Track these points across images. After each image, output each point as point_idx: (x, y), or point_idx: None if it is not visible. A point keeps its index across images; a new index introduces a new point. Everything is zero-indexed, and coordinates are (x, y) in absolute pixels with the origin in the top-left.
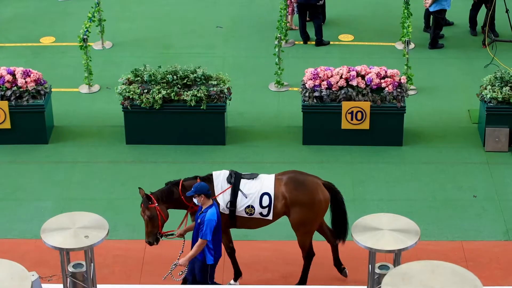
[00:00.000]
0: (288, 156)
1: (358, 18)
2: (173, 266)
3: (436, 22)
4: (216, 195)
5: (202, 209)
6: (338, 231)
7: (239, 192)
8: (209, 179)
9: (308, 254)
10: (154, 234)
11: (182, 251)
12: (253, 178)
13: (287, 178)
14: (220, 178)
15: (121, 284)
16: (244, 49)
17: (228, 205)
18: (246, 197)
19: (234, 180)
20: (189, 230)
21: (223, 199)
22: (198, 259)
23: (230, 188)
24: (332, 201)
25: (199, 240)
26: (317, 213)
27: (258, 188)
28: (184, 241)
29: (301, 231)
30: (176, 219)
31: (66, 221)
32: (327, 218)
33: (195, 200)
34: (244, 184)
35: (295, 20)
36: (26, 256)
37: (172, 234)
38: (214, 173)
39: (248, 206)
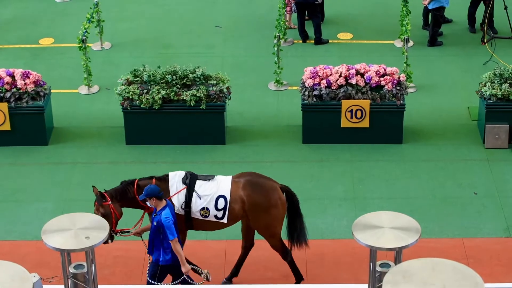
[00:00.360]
0: (288, 155)
1: (356, 17)
2: (183, 278)
3: (434, 19)
4: (171, 195)
5: (156, 211)
6: (295, 234)
7: (194, 193)
8: (165, 179)
9: (284, 253)
10: (108, 232)
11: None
12: (209, 180)
13: (245, 182)
14: (176, 179)
15: (122, 284)
16: (243, 49)
17: (183, 206)
18: (201, 199)
19: (189, 181)
20: (145, 230)
21: (177, 200)
22: (154, 261)
23: (185, 189)
24: (288, 204)
25: (170, 242)
26: (275, 217)
27: (214, 190)
28: (143, 241)
29: (266, 235)
30: (135, 218)
31: (66, 222)
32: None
33: (147, 203)
34: (199, 185)
35: (294, 19)
36: (27, 258)
37: (128, 232)
38: (170, 173)
39: (203, 208)
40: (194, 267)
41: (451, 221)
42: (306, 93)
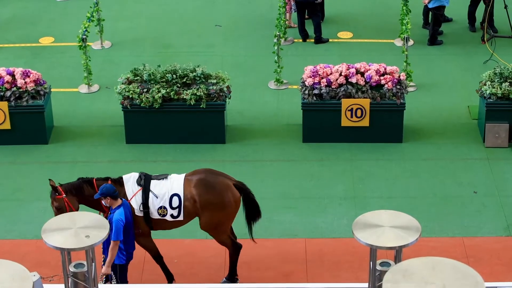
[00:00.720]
0: (288, 154)
1: (357, 16)
2: (102, 275)
3: (435, 18)
4: (129, 199)
5: (111, 210)
6: (252, 228)
7: (150, 193)
8: (120, 182)
9: (235, 248)
10: None
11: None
12: (162, 179)
13: (197, 180)
14: (130, 181)
15: (121, 283)
16: (243, 48)
17: (141, 208)
18: (157, 198)
19: (144, 182)
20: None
21: (135, 201)
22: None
23: (140, 190)
24: (244, 200)
25: (111, 242)
26: (227, 215)
27: (168, 189)
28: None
29: (214, 233)
30: None
31: (66, 221)
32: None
33: (103, 202)
34: (154, 185)
35: (294, 18)
36: (27, 257)
37: None
38: (124, 176)
39: (161, 207)
40: (112, 277)
41: (451, 220)
42: (306, 92)
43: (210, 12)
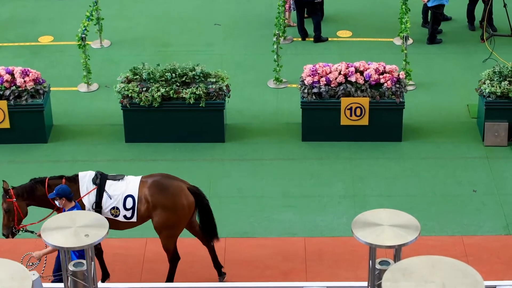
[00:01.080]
0: (287, 152)
1: (356, 14)
2: (26, 255)
3: (434, 17)
4: (81, 196)
5: (63, 211)
6: (208, 232)
7: (104, 193)
8: (75, 179)
9: (173, 257)
10: (9, 227)
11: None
12: (118, 180)
13: (152, 182)
14: (86, 179)
15: (122, 282)
16: (242, 46)
17: (94, 206)
18: (111, 198)
19: (100, 181)
20: (48, 252)
21: (88, 200)
22: (59, 259)
23: (95, 189)
24: (198, 204)
25: None
26: (179, 217)
27: (123, 190)
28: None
29: (164, 235)
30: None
31: (66, 220)
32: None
33: (56, 202)
34: (109, 185)
35: (293, 17)
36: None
37: (33, 232)
38: (80, 173)
39: (113, 208)
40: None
41: (451, 218)
42: (306, 90)
43: (210, 11)
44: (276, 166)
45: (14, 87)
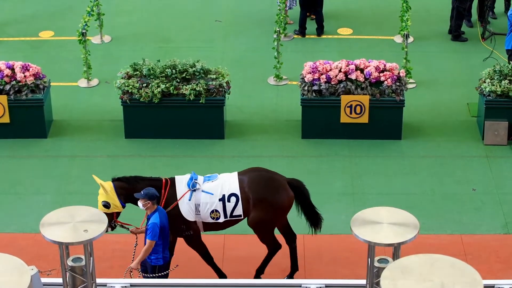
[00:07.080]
0: (287, 150)
1: (356, 12)
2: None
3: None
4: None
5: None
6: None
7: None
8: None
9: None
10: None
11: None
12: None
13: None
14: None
15: (120, 278)
16: (243, 43)
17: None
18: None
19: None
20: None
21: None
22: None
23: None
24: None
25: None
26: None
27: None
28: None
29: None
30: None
31: (65, 215)
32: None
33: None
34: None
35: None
36: (25, 250)
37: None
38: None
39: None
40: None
41: (450, 217)
42: (306, 88)
43: (210, 7)
44: (275, 163)
45: (14, 81)
